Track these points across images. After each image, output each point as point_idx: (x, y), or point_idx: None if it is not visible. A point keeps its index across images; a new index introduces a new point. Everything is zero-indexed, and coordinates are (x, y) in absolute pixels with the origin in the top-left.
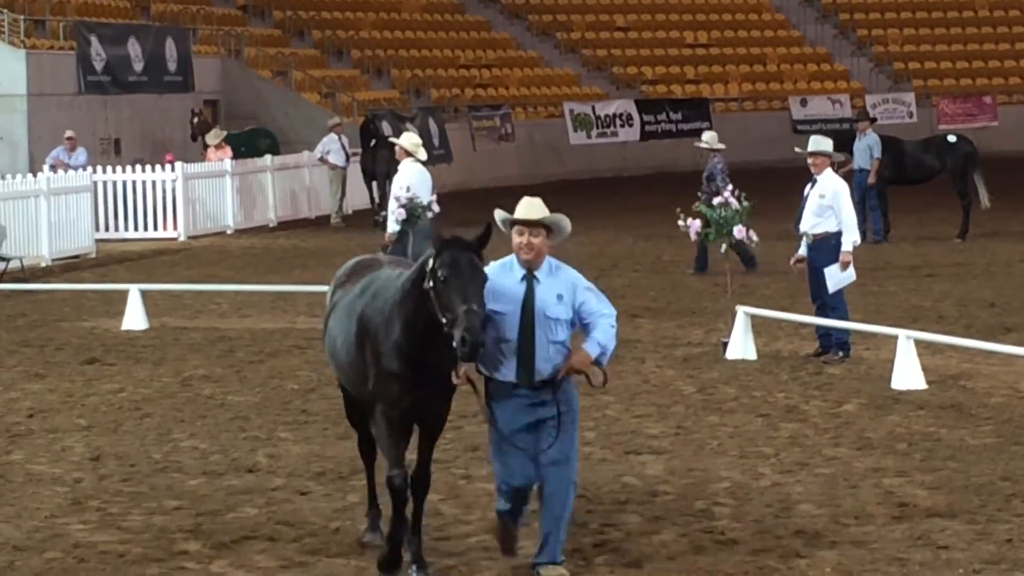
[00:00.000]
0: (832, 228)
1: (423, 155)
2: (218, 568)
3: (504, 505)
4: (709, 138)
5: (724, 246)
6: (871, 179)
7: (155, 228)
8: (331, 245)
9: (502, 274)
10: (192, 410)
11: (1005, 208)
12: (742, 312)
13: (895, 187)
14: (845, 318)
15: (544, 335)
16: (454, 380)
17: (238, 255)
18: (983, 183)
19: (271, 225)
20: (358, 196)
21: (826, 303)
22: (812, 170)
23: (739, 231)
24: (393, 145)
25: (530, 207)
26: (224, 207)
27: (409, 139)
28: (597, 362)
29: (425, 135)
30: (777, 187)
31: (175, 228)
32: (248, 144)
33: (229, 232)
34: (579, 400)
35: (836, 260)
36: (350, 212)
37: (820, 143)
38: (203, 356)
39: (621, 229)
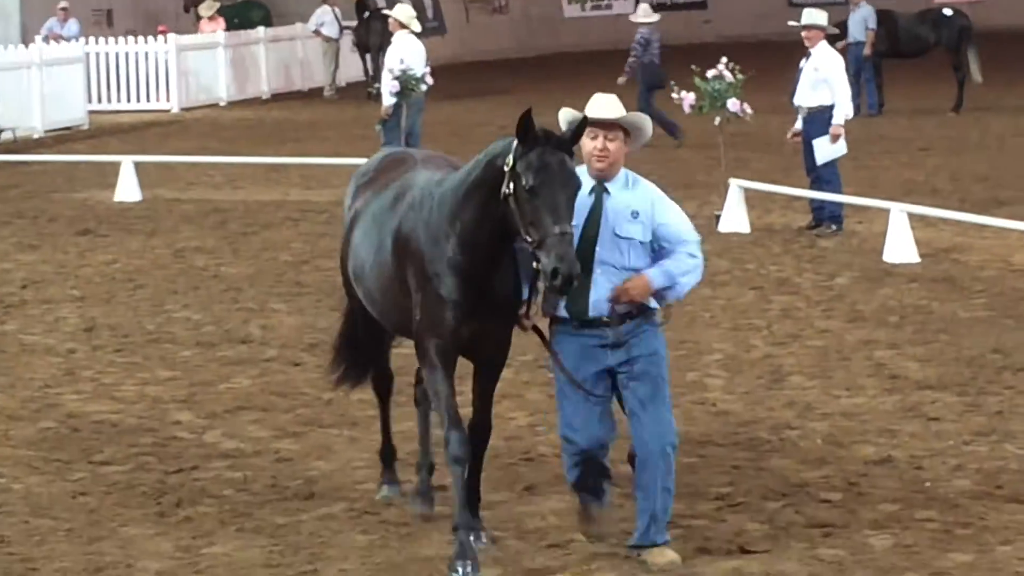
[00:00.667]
0: (826, 101)
1: (417, 27)
2: (211, 438)
3: (572, 474)
4: (641, 11)
5: (718, 119)
6: (867, 51)
7: (148, 100)
8: (324, 117)
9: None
10: (185, 281)
11: (999, 82)
12: (735, 185)
13: (889, 60)
14: (838, 191)
15: (612, 259)
16: (524, 324)
17: (231, 127)
18: (976, 57)
19: (264, 97)
20: (351, 68)
21: (820, 176)
22: (806, 43)
23: (733, 104)
24: (387, 17)
25: (605, 105)
26: (217, 79)
27: (403, 11)
28: (661, 295)
29: (419, 7)
30: (773, 61)
31: (168, 100)
32: (241, 16)
33: (222, 104)
34: (665, 344)
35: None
36: (343, 84)
37: (814, 16)
38: (196, 228)
39: None
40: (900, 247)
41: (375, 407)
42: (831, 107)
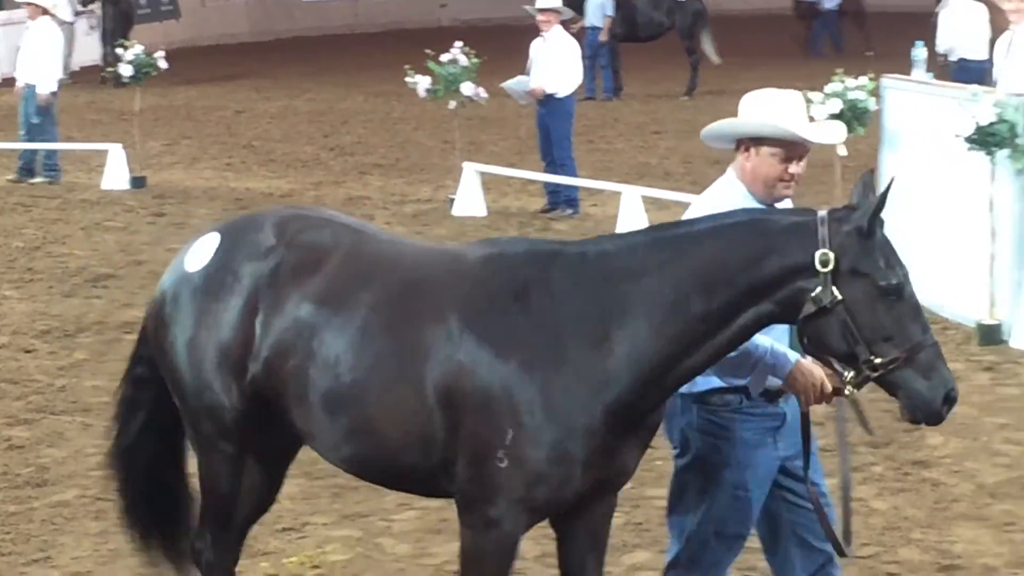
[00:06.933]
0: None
1: (64, 14)
2: None
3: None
4: None
5: (453, 102)
6: (603, 36)
7: None
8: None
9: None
10: None
11: (731, 66)
12: (470, 169)
13: (626, 44)
14: (573, 175)
15: None
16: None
17: None
18: (711, 41)
19: None
20: (85, 53)
21: (555, 160)
22: (541, 27)
23: (468, 88)
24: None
25: (823, 124)
26: None
27: None
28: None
29: None
30: (507, 45)
31: None
32: None
33: None
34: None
35: (566, 118)
36: (77, 69)
37: (549, 0)
38: None
39: (351, 86)
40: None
41: (109, 392)
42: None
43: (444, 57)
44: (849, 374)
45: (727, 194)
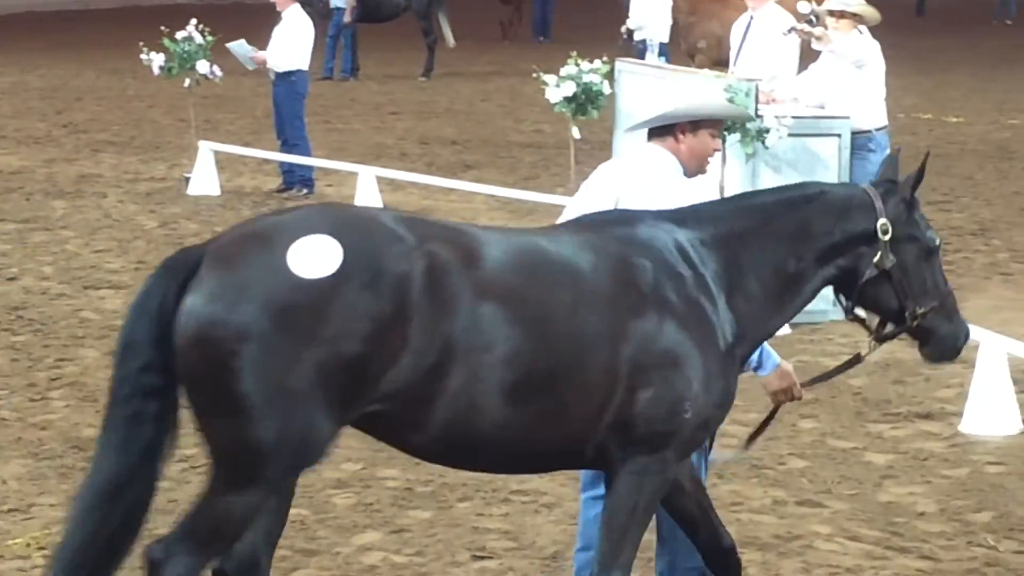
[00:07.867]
0: (299, 66)
1: None
2: None
3: None
4: None
5: (188, 80)
6: (346, 18)
7: None
8: None
9: (661, 185)
10: None
11: (469, 48)
12: (205, 147)
13: (364, 25)
14: (305, 154)
15: None
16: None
17: None
18: (448, 22)
19: None
20: None
21: (288, 139)
22: (278, 6)
23: (203, 66)
24: None
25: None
26: None
27: None
28: None
29: None
30: (244, 23)
31: None
32: None
33: None
34: None
35: (297, 98)
36: None
37: None
38: None
39: (84, 63)
40: None
41: None
42: (299, 71)
43: (179, 34)
44: (885, 328)
45: (668, 168)
